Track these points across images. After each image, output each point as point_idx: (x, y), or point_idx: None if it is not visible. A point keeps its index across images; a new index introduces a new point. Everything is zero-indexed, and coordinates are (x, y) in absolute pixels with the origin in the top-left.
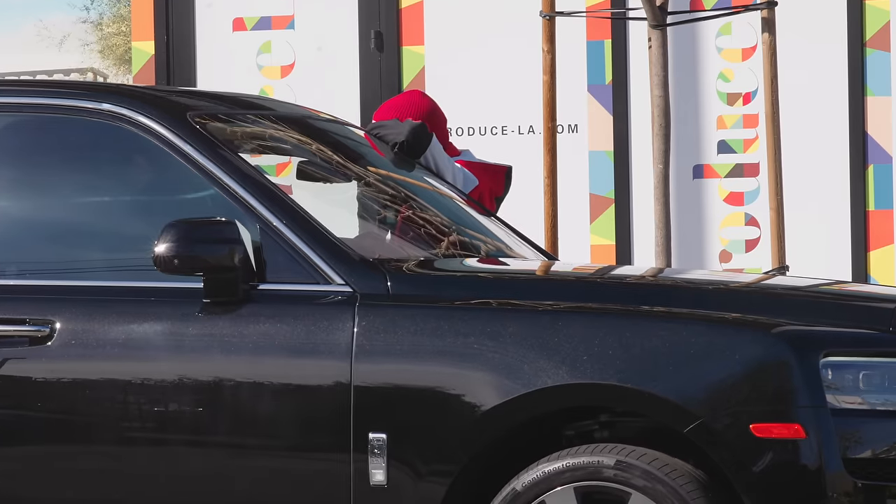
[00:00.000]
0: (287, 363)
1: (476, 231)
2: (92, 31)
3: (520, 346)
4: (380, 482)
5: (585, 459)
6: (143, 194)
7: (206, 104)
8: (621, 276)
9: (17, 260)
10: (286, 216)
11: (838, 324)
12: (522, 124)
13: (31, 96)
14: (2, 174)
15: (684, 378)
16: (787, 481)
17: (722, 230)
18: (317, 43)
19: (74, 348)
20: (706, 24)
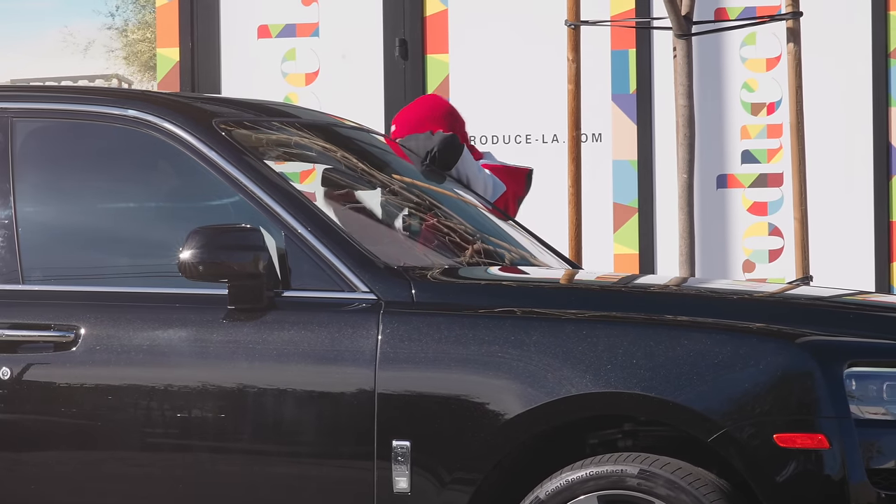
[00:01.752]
0: (311, 370)
1: (500, 239)
2: (117, 37)
3: (543, 354)
4: (403, 490)
5: (609, 468)
6: (169, 201)
7: (231, 111)
8: (645, 285)
9: (43, 266)
10: (311, 223)
11: (862, 334)
12: (546, 133)
13: (57, 102)
14: (27, 179)
15: (708, 387)
16: (811, 492)
17: (745, 240)
18: (341, 51)
19: (99, 354)
20: (731, 34)
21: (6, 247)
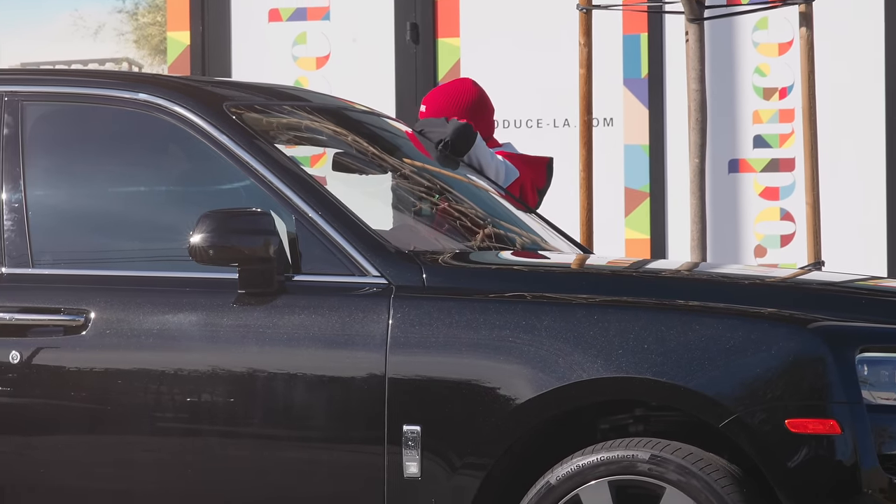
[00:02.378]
0: (322, 354)
1: (511, 224)
2: (127, 20)
3: (554, 339)
4: (413, 474)
5: (620, 453)
6: (179, 184)
7: (242, 95)
8: (656, 270)
9: (53, 249)
10: (322, 207)
11: (874, 320)
12: (558, 118)
13: (67, 86)
14: (37, 163)
15: (719, 373)
16: (822, 477)
17: (757, 225)
18: (352, 34)
19: (109, 338)
20: (743, 19)
21: (16, 230)
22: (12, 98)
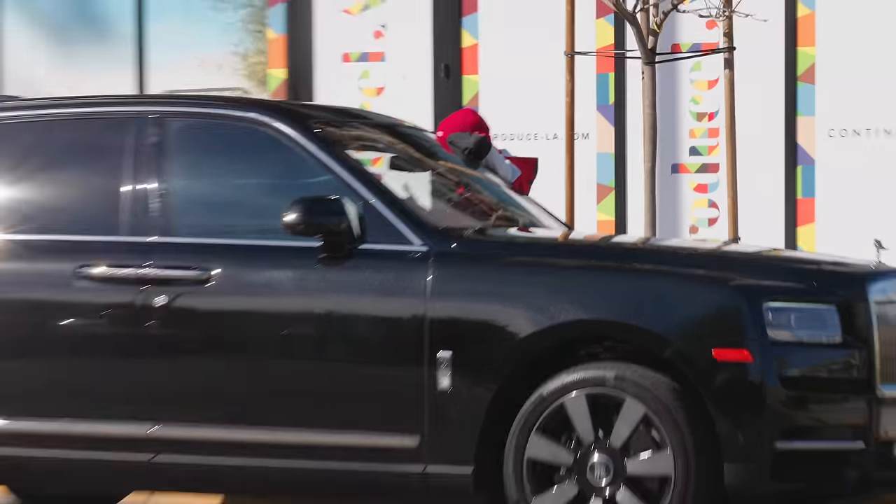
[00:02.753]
0: (379, 301)
1: (516, 208)
2: (240, 61)
3: (547, 291)
4: (445, 388)
5: (593, 373)
6: (276, 178)
7: (322, 114)
8: (619, 242)
9: (189, 224)
10: (379, 195)
11: (776, 279)
12: (549, 132)
13: (198, 107)
14: (177, 162)
15: (666, 316)
16: (738, 391)
17: (692, 210)
18: (402, 73)
19: (226, 288)
20: (683, 63)
21: (162, 210)
22: (160, 116)
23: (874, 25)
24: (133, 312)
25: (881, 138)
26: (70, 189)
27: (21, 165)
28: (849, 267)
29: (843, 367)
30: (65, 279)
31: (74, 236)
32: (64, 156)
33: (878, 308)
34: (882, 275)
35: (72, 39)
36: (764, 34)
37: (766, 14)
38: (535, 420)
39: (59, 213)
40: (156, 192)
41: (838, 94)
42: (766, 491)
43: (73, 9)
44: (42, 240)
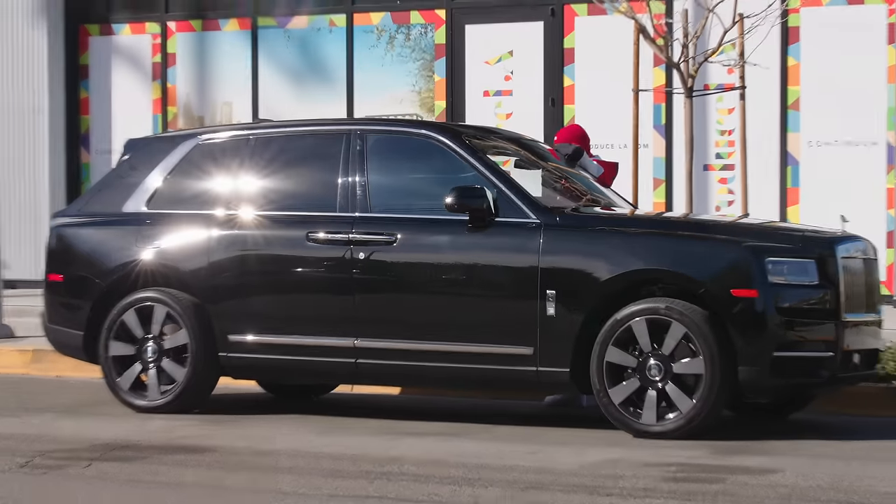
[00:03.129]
0: (508, 257)
1: (599, 194)
2: (416, 96)
3: (621, 250)
4: (551, 314)
5: (650, 305)
6: (439, 173)
7: (471, 131)
8: (668, 216)
9: (380, 204)
10: (508, 185)
11: (774, 242)
12: (622, 143)
13: (388, 126)
14: (373, 163)
15: (701, 266)
16: (749, 318)
17: (717, 195)
18: (550, 99)
19: (407, 247)
20: (711, 96)
21: (361, 195)
22: (362, 132)
23: (840, 72)
24: (343, 263)
25: (844, 147)
26: (303, 181)
27: (271, 165)
28: (823, 233)
29: (819, 301)
30: (299, 241)
31: (305, 212)
32: (298, 159)
33: (843, 262)
34: (846, 239)
35: (304, 80)
36: (766, 77)
37: (768, 63)
38: (611, 336)
39: (296, 198)
40: (358, 183)
41: (815, 117)
42: (767, 384)
43: (305, 60)
44: (284, 215)
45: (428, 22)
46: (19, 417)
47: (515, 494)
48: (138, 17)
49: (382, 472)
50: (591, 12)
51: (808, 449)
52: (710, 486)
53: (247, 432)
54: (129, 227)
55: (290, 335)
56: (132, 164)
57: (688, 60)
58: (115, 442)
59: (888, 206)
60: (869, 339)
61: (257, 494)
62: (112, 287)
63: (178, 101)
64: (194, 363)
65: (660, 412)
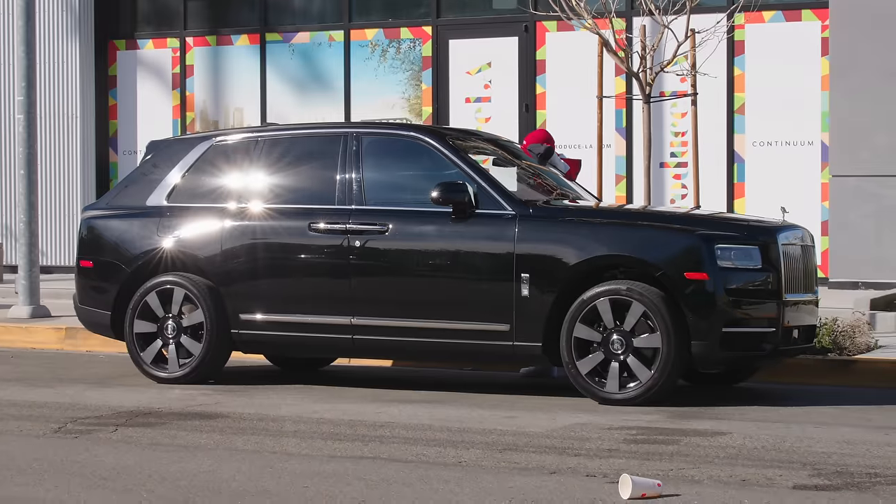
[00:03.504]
0: (488, 243)
1: (567, 189)
2: (405, 102)
3: (587, 238)
4: (525, 295)
5: (613, 286)
6: (425, 171)
7: (454, 132)
8: (629, 208)
9: (373, 198)
10: (487, 180)
11: (722, 230)
12: (587, 143)
13: (381, 128)
14: (367, 162)
15: (658, 252)
16: (700, 298)
17: (671, 189)
18: (524, 104)
19: (398, 236)
20: (666, 102)
21: (357, 189)
22: (357, 134)
23: (780, 80)
24: (341, 250)
25: (784, 146)
26: (305, 177)
27: (277, 164)
28: (766, 223)
29: (762, 283)
30: (302, 231)
31: (307, 205)
32: (301, 158)
33: (784, 248)
34: (786, 228)
35: (307, 89)
36: (715, 85)
37: (716, 73)
38: (578, 314)
39: (298, 192)
40: (355, 179)
41: (758, 120)
42: (717, 357)
43: (308, 70)
44: (288, 207)
45: (416, 37)
46: (53, 388)
47: (494, 455)
48: (160, 33)
49: (376, 436)
50: (560, 28)
51: (753, 414)
52: (667, 447)
53: (255, 401)
54: (151, 219)
55: (294, 314)
56: (154, 163)
57: (646, 70)
58: (138, 409)
59: (822, 198)
60: (807, 316)
61: (265, 455)
62: (136, 272)
63: (195, 107)
64: (209, 339)
65: (622, 382)
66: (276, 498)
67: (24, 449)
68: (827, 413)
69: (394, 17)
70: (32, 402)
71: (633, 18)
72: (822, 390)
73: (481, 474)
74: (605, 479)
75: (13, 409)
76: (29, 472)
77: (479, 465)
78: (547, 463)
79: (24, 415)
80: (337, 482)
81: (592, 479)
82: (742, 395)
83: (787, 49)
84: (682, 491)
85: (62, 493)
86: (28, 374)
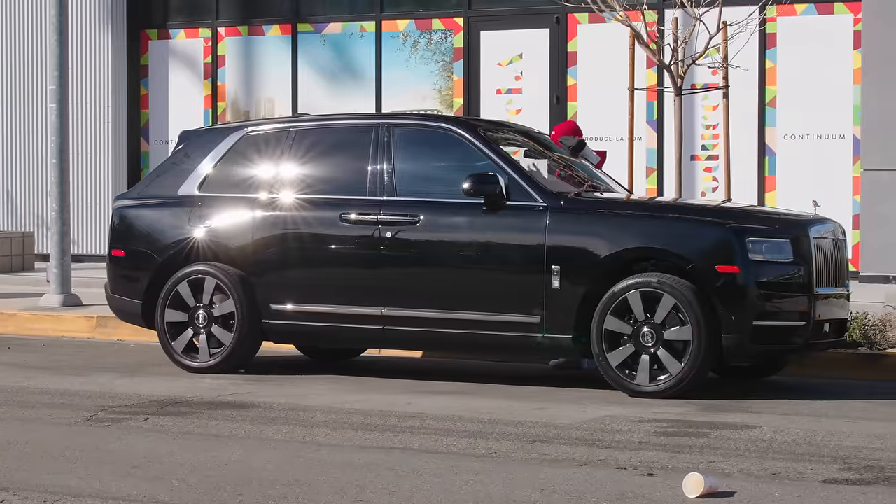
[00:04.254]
0: (518, 236)
1: (599, 180)
2: (436, 94)
3: (618, 230)
4: (556, 287)
5: (644, 279)
6: (457, 162)
7: (486, 124)
8: (660, 200)
9: (405, 189)
10: (517, 172)
11: (754, 223)
12: (619, 135)
13: (412, 119)
14: (399, 153)
15: (689, 245)
16: (731, 291)
17: (702, 182)
18: (555, 96)
19: (429, 227)
20: (698, 94)
21: (391, 181)
22: (389, 125)
23: (811, 73)
24: (372, 241)
25: (815, 140)
26: (336, 168)
27: (308, 154)
28: (797, 216)
29: (793, 276)
30: (333, 221)
31: (338, 196)
32: (332, 148)
33: (815, 241)
34: (818, 221)
35: (338, 79)
36: (746, 78)
37: (748, 66)
38: (609, 307)
39: (330, 183)
40: (386, 170)
41: (790, 113)
42: (747, 350)
43: (339, 61)
44: (319, 198)
45: (447, 28)
46: (84, 376)
47: (524, 446)
48: (192, 23)
49: (406, 426)
50: (591, 20)
51: (783, 407)
52: (697, 440)
53: (286, 390)
54: (182, 209)
55: (325, 304)
56: (186, 153)
57: (677, 63)
58: (169, 398)
59: (854, 192)
60: (838, 310)
61: (295, 445)
62: (167, 261)
63: (226, 97)
64: (240, 329)
65: (652, 374)
66: (306, 488)
67: (55, 437)
68: (858, 407)
69: (425, 9)
70: (64, 390)
71: (664, 10)
72: (852, 384)
73: (511, 466)
74: (636, 471)
75: (45, 398)
76: (61, 459)
77: (509, 456)
78: (577, 455)
79: (56, 403)
80: (367, 473)
81: (623, 471)
82: (772, 389)
83: (819, 42)
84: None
85: (93, 481)
86: (59, 362)
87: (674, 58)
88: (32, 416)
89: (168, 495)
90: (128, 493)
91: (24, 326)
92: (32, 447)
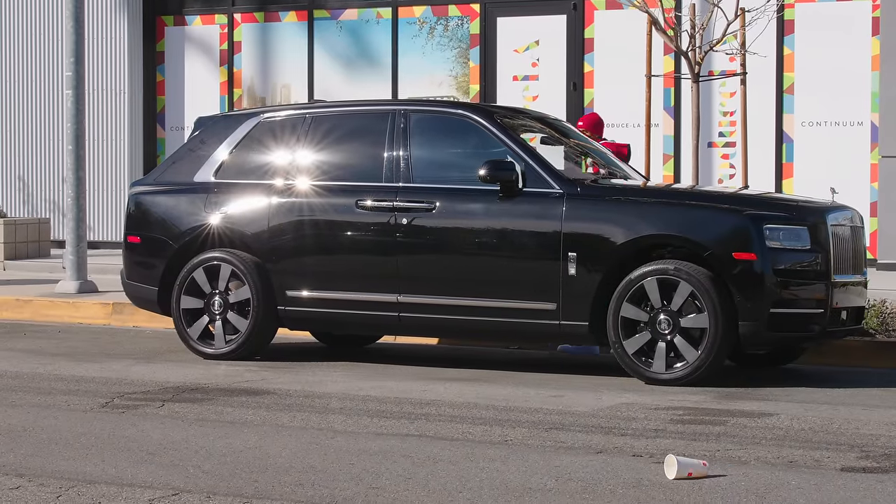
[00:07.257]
0: (535, 222)
1: (616, 167)
2: (453, 80)
3: (635, 217)
4: (572, 274)
5: (661, 266)
6: (473, 148)
7: (502, 111)
8: (676, 187)
9: (420, 175)
10: (535, 159)
11: (771, 210)
12: (636, 122)
13: (429, 106)
14: (415, 139)
15: (706, 232)
16: (748, 278)
17: (719, 169)
18: (571, 82)
19: (445, 213)
20: (715, 81)
21: (407, 168)
22: (405, 111)
23: (829, 60)
24: (388, 227)
25: (833, 126)
26: (352, 155)
27: (324, 141)
28: (815, 203)
29: (811, 264)
30: (349, 208)
31: (354, 182)
32: (348, 135)
33: (832, 229)
34: (835, 208)
35: (354, 66)
36: (764, 65)
37: (766, 52)
38: (625, 294)
39: (346, 169)
40: (402, 156)
41: (807, 100)
42: (764, 338)
43: (355, 47)
44: (335, 185)
45: (464, 14)
46: (100, 363)
47: (540, 433)
48: (208, 9)
49: (422, 413)
50: (608, 6)
51: (799, 395)
52: (714, 427)
53: (301, 377)
54: (198, 195)
55: (341, 291)
56: (202, 139)
57: (695, 49)
58: (185, 385)
59: (872, 179)
60: (855, 297)
61: (311, 432)
62: (183, 248)
63: (242, 83)
64: (255, 315)
65: (668, 362)
66: (321, 475)
67: (71, 423)
68: (875, 395)
69: None
70: (80, 376)
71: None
72: (869, 372)
73: (527, 453)
74: (652, 458)
75: (60, 384)
76: (76, 446)
77: (524, 443)
78: (593, 442)
79: (72, 389)
80: (383, 459)
81: (639, 458)
82: (789, 377)
83: (837, 29)
84: (729, 472)
85: (109, 468)
86: (75, 348)
87: (691, 44)
88: (48, 403)
89: (183, 482)
90: (143, 479)
91: (39, 313)
92: (48, 433)
